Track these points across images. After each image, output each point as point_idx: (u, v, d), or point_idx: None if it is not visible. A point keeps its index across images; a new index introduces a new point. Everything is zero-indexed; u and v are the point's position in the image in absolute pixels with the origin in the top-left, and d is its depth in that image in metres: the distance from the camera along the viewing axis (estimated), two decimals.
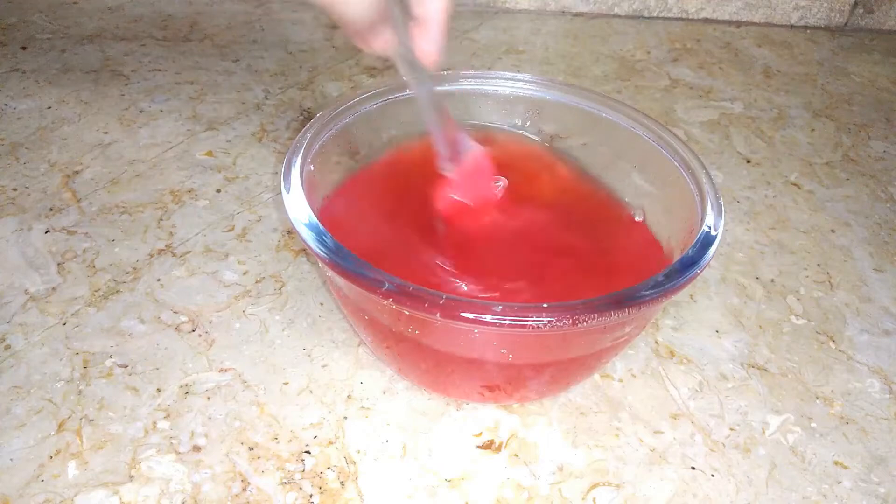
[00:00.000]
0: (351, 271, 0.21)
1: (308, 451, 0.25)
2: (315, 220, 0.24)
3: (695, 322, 0.32)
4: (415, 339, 0.24)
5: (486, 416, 0.27)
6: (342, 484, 0.25)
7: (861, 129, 0.49)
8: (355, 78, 0.49)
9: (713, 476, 0.26)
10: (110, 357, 0.28)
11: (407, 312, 0.21)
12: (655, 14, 0.62)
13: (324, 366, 0.29)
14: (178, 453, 0.25)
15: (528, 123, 0.35)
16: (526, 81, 0.34)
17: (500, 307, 0.21)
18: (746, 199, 0.41)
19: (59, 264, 0.32)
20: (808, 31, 0.62)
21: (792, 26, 0.62)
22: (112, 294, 0.31)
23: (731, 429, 0.28)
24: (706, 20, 0.62)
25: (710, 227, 0.25)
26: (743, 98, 0.51)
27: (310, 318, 0.31)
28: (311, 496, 0.24)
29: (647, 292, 0.22)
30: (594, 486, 0.25)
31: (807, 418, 0.29)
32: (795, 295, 0.35)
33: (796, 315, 0.33)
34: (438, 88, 0.32)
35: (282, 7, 0.58)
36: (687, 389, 0.29)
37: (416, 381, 0.28)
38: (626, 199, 0.32)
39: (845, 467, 0.27)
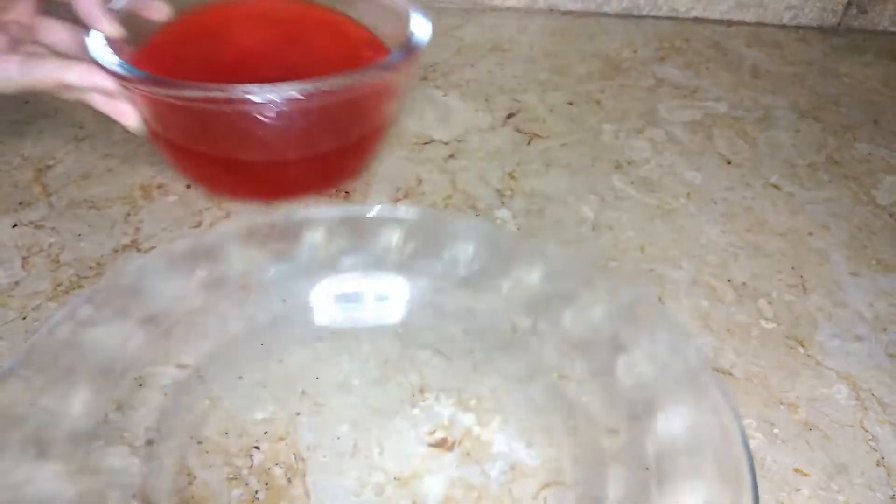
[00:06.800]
0: (107, 67, 0.29)
1: (257, 447, 0.25)
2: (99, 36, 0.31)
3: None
4: (183, 142, 0.32)
5: (442, 413, 0.27)
6: (289, 480, 0.24)
7: (847, 131, 0.48)
8: None
9: None
10: None
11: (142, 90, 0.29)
12: (645, 13, 0.61)
13: (280, 361, 0.29)
14: (130, 446, 0.25)
15: None
16: None
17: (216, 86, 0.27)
18: (724, 201, 0.40)
19: (23, 258, 0.32)
20: (800, 31, 0.61)
21: (784, 26, 0.62)
22: (74, 289, 0.31)
23: None
24: (696, 19, 0.61)
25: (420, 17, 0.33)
26: (728, 98, 0.51)
27: (271, 313, 0.31)
28: (256, 492, 0.24)
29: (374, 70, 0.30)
30: (546, 485, 0.25)
31: (769, 424, 0.28)
32: (767, 298, 0.34)
33: (766, 319, 0.33)
34: None
35: None
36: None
37: (214, 190, 0.35)
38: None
39: (805, 475, 0.26)
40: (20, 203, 0.35)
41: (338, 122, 0.32)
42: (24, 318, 0.29)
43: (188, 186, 0.37)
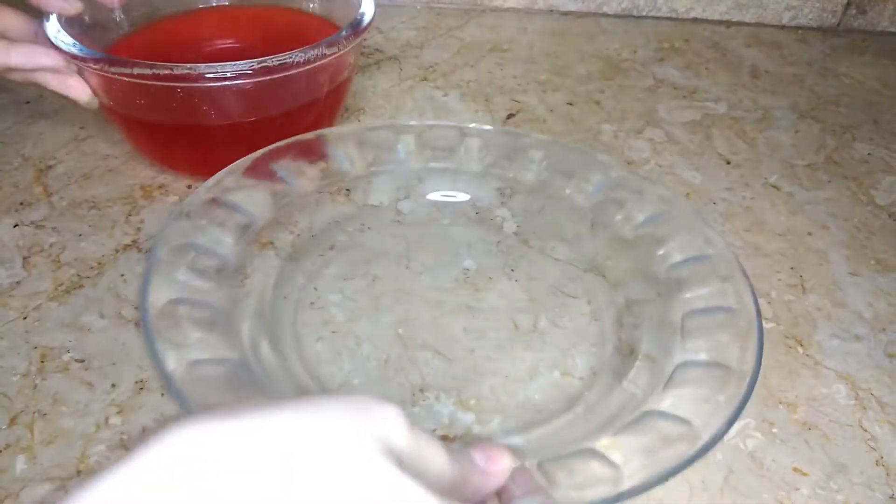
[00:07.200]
0: (63, 48, 0.31)
1: None
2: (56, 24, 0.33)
3: (659, 322, 0.32)
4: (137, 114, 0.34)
5: (442, 412, 0.27)
6: None
7: (846, 131, 0.48)
8: None
9: (667, 480, 0.26)
10: (68, 352, 0.28)
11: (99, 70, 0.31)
12: (645, 13, 0.61)
13: (280, 361, 0.29)
14: (127, 449, 0.25)
15: None
16: None
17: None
18: (723, 201, 0.40)
19: (24, 258, 0.32)
20: (800, 31, 0.61)
21: (783, 27, 0.62)
22: (75, 289, 0.31)
23: None
24: (696, 20, 0.62)
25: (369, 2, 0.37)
26: (728, 98, 0.51)
27: (272, 311, 0.31)
28: None
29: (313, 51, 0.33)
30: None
31: (768, 423, 0.28)
32: (766, 298, 0.34)
33: (765, 319, 0.33)
34: None
35: None
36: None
37: (168, 164, 0.37)
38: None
39: (804, 474, 0.27)
40: (21, 203, 0.35)
41: (290, 95, 0.36)
42: (25, 318, 0.29)
43: (189, 187, 0.37)
